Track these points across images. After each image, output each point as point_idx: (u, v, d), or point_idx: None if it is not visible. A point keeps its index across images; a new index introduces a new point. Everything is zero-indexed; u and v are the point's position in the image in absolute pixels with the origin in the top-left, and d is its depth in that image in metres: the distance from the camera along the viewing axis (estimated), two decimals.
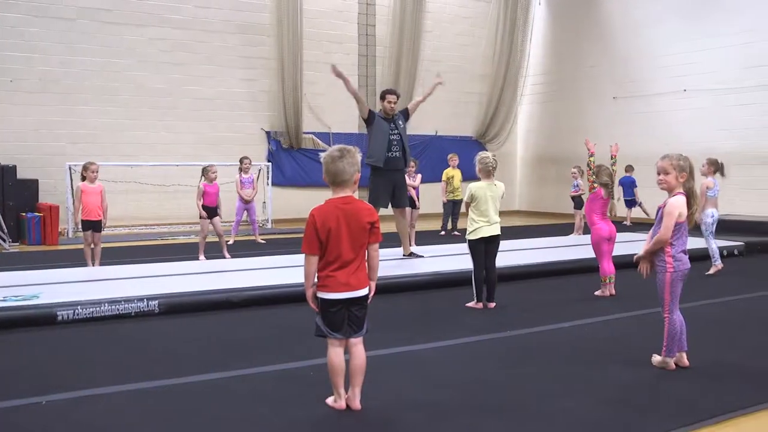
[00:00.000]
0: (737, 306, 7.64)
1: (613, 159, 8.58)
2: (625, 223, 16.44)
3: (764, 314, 7.27)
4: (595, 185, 8.18)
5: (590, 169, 8.33)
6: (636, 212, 16.93)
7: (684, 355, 5.20)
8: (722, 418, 4.21)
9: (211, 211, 11.07)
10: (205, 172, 11.14)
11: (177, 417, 4.22)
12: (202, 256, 10.88)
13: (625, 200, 17.09)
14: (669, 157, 5.13)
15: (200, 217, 11.02)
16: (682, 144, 10.42)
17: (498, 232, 7.42)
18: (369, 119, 9.82)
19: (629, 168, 17.13)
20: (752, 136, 16.64)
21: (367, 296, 4.27)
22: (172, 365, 5.30)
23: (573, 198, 14.99)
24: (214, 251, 11.16)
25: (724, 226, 13.55)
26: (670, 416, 4.21)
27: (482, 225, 7.32)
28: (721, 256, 10.94)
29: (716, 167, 9.43)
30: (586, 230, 9.38)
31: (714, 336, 6.24)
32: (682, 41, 18.17)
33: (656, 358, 5.24)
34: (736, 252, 11.60)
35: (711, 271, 9.61)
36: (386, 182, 9.75)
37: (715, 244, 9.77)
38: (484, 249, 7.41)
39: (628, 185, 17.13)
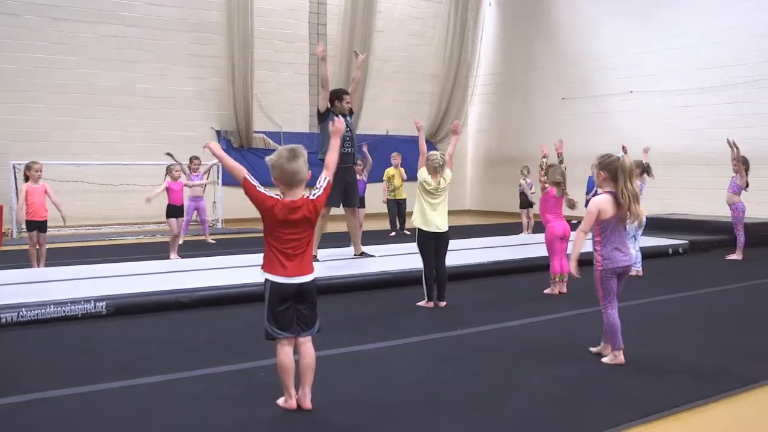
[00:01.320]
0: (681, 303, 7.80)
1: (560, 157, 8.69)
2: None
3: (706, 311, 7.44)
4: (547, 185, 8.29)
5: (542, 170, 8.43)
6: None
7: (608, 347, 5.37)
8: (668, 413, 4.30)
9: (176, 210, 11.04)
10: (169, 170, 11.20)
11: (126, 420, 4.17)
12: (174, 255, 10.82)
13: (587, 200, 16.79)
14: (597, 156, 5.31)
15: (166, 217, 11.01)
16: (629, 145, 10.56)
17: (446, 228, 7.45)
18: (325, 114, 9.78)
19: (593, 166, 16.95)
20: (697, 137, 17.01)
21: (312, 286, 4.26)
22: (120, 368, 5.23)
23: (520, 196, 15.13)
24: (182, 250, 11.11)
25: (670, 225, 13.90)
26: (617, 412, 4.28)
27: (429, 220, 7.36)
28: (667, 254, 11.17)
29: (642, 169, 9.55)
30: (539, 228, 9.48)
31: (658, 333, 6.37)
32: (630, 43, 18.52)
33: (605, 357, 5.35)
34: (681, 250, 11.85)
35: (631, 273, 9.51)
36: (339, 181, 9.71)
37: (635, 249, 9.37)
38: (433, 246, 7.45)
39: (593, 185, 16.92)
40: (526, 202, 15.10)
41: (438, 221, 7.39)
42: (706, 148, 16.70)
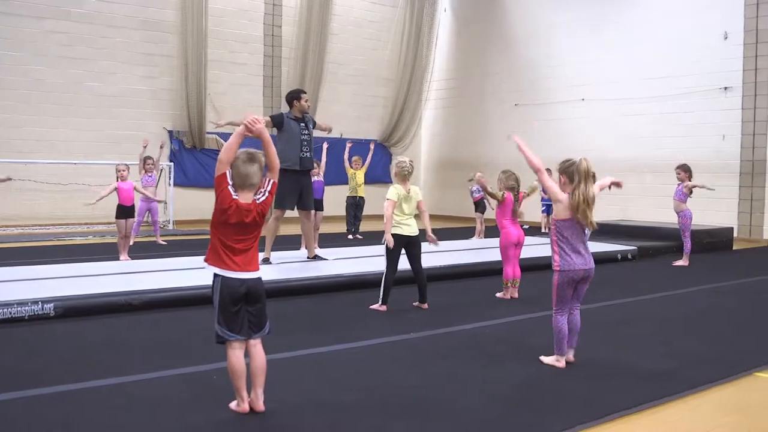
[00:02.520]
0: (629, 308, 7.93)
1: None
2: (543, 231, 16.38)
3: (653, 316, 7.58)
4: (500, 194, 8.35)
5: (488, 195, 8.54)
6: None
7: (572, 351, 5.44)
8: (616, 415, 4.37)
9: (126, 210, 10.86)
10: (117, 170, 11.01)
11: (73, 425, 4.10)
12: (124, 256, 10.67)
13: (543, 204, 16.79)
14: (559, 162, 5.40)
15: (116, 218, 10.82)
16: (580, 152, 10.72)
17: (416, 232, 7.50)
18: (279, 123, 9.70)
19: (548, 171, 16.83)
20: (645, 145, 17.37)
21: (261, 284, 4.26)
22: (67, 370, 5.13)
23: (475, 202, 15.23)
24: (133, 251, 10.96)
25: (619, 231, 14.12)
26: (567, 414, 4.34)
27: (402, 224, 7.39)
28: (616, 260, 11.37)
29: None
30: (492, 233, 9.54)
31: (607, 337, 6.47)
32: (583, 52, 18.82)
33: (546, 358, 5.42)
34: (630, 256, 12.05)
35: None
36: (294, 184, 9.71)
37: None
38: (404, 252, 7.49)
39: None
40: (481, 207, 15.17)
41: (410, 225, 7.45)
42: (654, 155, 17.06)
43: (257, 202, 4.26)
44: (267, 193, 4.32)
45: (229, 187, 4.18)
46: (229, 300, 4.16)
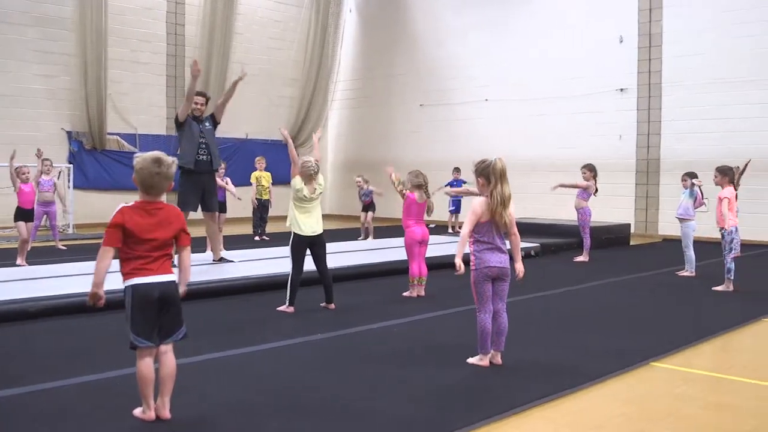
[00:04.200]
0: (532, 304, 8.12)
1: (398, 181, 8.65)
2: (450, 231, 16.48)
3: (556, 310, 7.80)
4: (404, 192, 8.42)
5: (396, 186, 8.52)
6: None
7: (498, 354, 5.47)
8: (520, 409, 4.47)
9: (26, 213, 10.47)
10: (18, 173, 10.63)
11: None
12: (21, 261, 10.29)
13: (452, 201, 16.82)
14: (473, 163, 5.43)
15: (15, 220, 10.42)
16: (485, 152, 10.93)
17: (320, 231, 7.49)
18: (183, 123, 9.60)
19: (457, 170, 16.76)
20: (547, 144, 17.85)
21: (175, 288, 4.19)
22: None
23: (367, 203, 15.10)
24: (31, 256, 10.59)
25: (523, 229, 14.30)
26: (474, 410, 4.42)
27: (304, 224, 7.37)
28: (528, 256, 11.61)
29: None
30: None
31: (514, 333, 6.59)
32: (488, 53, 19.20)
33: (471, 358, 5.49)
34: (533, 253, 12.34)
35: None
36: (196, 186, 9.59)
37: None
38: (309, 252, 7.48)
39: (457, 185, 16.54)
40: (369, 207, 15.14)
41: (313, 225, 7.43)
42: (555, 154, 17.54)
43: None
44: None
45: None
46: (141, 304, 4.08)
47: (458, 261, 5.23)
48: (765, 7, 15.04)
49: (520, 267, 5.42)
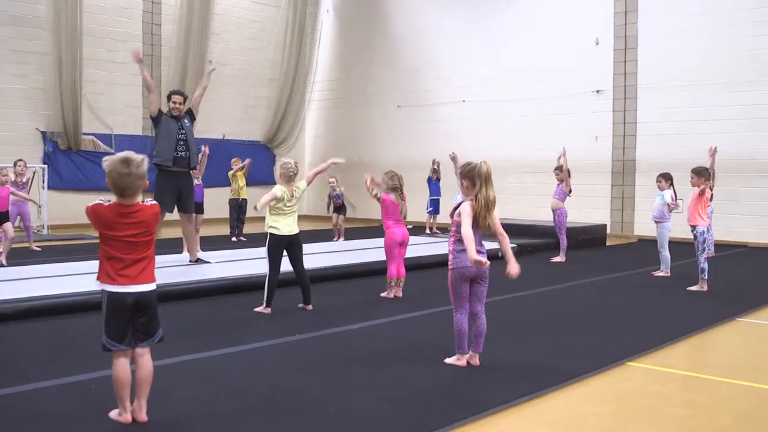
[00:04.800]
0: (510, 304, 8.15)
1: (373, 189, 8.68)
2: (427, 231, 16.44)
3: (533, 310, 7.84)
4: (378, 196, 8.43)
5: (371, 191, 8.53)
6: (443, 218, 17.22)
7: (477, 356, 5.47)
8: (499, 408, 4.49)
9: (1, 216, 10.39)
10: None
11: None
12: (3, 260, 10.30)
13: (431, 202, 16.72)
14: (458, 167, 5.44)
15: None
16: (462, 152, 11.10)
17: (296, 231, 7.49)
18: (157, 118, 9.53)
19: (435, 172, 16.77)
20: (524, 145, 17.95)
21: (152, 296, 4.16)
22: None
23: (336, 206, 15.03)
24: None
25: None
26: (453, 410, 4.42)
27: (281, 225, 7.37)
28: (496, 257, 11.64)
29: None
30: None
31: (491, 333, 6.61)
32: (465, 55, 19.27)
33: (449, 359, 5.50)
34: (499, 255, 12.30)
35: None
36: (173, 186, 9.53)
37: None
38: (286, 253, 7.47)
39: (435, 191, 16.70)
40: (335, 208, 15.10)
41: (290, 225, 7.44)
42: (532, 156, 17.64)
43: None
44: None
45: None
46: (115, 309, 4.04)
47: (478, 257, 5.09)
48: (736, 11, 15.22)
49: (513, 266, 5.39)
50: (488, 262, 5.21)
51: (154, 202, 4.28)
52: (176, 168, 9.55)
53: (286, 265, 7.54)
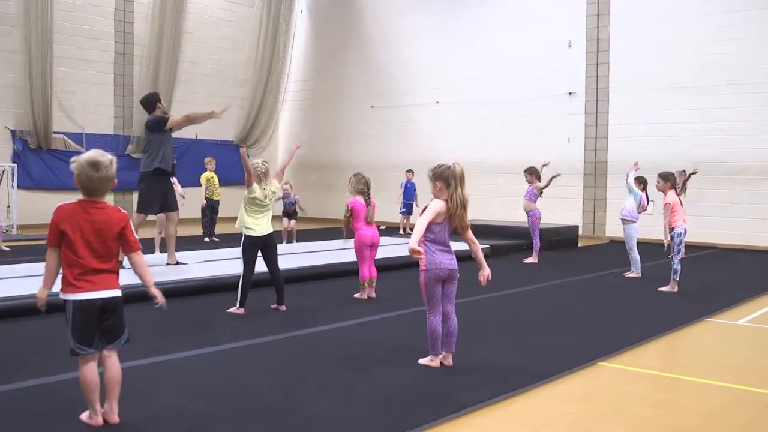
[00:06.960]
0: (483, 305, 8.18)
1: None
2: (401, 232, 16.42)
3: (506, 311, 7.88)
4: (348, 215, 8.42)
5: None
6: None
7: (450, 356, 5.49)
8: (471, 409, 4.50)
9: None
10: None
11: None
12: None
13: (404, 203, 16.78)
14: (429, 169, 5.46)
15: None
16: (435, 153, 11.16)
17: (270, 231, 7.48)
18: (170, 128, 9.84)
19: (410, 172, 16.87)
20: (497, 147, 18.04)
21: (118, 300, 4.12)
22: None
23: (291, 211, 14.81)
24: None
25: (473, 231, 14.51)
26: (425, 412, 4.43)
27: (255, 225, 7.35)
28: (469, 258, 11.68)
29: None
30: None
31: (465, 334, 6.63)
32: (439, 57, 19.33)
33: (422, 359, 5.50)
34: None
35: None
36: (159, 188, 9.70)
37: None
38: (260, 254, 7.46)
39: (411, 191, 16.77)
40: (287, 213, 14.72)
41: (264, 226, 7.43)
42: (505, 157, 17.73)
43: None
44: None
45: None
46: (81, 314, 3.99)
47: (415, 246, 5.07)
48: (707, 16, 15.40)
49: (485, 271, 5.44)
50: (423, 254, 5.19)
51: (125, 211, 4.25)
52: (158, 174, 9.63)
53: (263, 266, 7.52)
